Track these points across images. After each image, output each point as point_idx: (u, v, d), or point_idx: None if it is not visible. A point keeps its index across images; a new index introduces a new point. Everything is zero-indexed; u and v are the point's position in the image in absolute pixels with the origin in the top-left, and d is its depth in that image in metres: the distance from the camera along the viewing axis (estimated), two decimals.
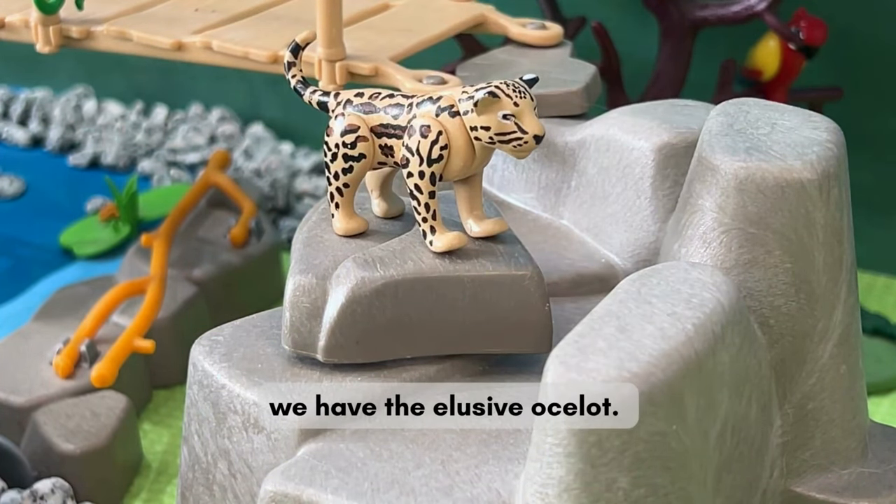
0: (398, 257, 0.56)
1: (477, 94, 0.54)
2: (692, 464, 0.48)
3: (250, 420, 0.55)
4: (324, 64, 0.71)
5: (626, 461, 0.46)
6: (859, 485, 0.57)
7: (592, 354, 0.46)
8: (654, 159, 0.64)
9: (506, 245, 0.57)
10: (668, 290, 0.51)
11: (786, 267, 0.54)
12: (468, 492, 0.50)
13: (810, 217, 0.54)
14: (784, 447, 0.56)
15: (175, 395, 0.86)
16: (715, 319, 0.49)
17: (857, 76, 0.98)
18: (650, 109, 0.68)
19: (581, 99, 0.72)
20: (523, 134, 0.53)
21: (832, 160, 0.55)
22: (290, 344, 0.56)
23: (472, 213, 0.57)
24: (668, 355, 0.47)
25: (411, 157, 0.55)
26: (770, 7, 0.90)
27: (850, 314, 0.57)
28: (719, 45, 0.98)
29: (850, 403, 0.57)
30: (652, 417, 0.46)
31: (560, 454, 0.46)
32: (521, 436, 0.53)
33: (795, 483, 0.57)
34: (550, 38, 0.79)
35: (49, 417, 0.75)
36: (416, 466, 0.51)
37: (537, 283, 0.56)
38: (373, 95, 0.57)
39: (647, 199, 0.65)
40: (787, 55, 0.93)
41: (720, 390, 0.50)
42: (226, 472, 0.57)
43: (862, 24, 0.98)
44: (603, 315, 0.49)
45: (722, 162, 0.55)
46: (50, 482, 0.72)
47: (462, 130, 0.55)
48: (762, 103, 0.59)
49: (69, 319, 0.83)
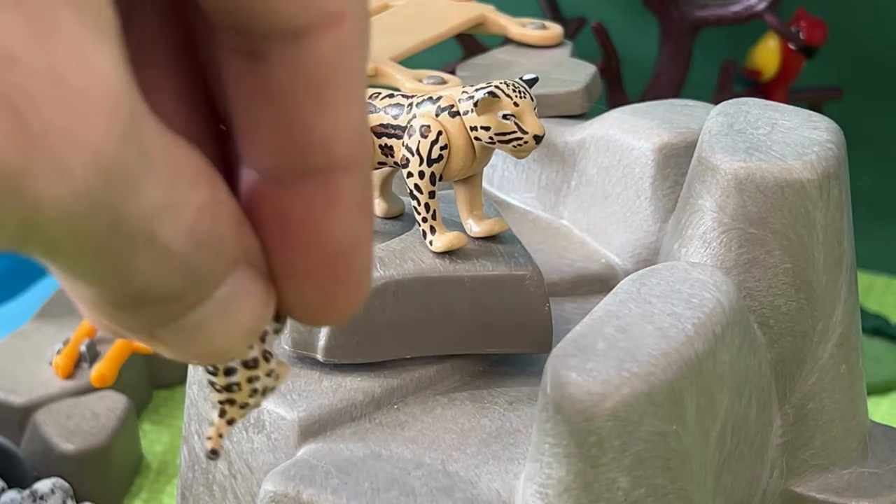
0: (398, 257, 0.56)
1: (477, 94, 0.54)
2: (692, 464, 0.48)
3: (250, 420, 0.55)
4: None
5: (626, 461, 0.46)
6: (859, 485, 0.57)
7: (592, 354, 0.46)
8: (654, 159, 0.64)
9: (506, 245, 0.57)
10: (668, 290, 0.51)
11: (786, 267, 0.54)
12: (468, 492, 0.50)
13: (810, 217, 0.54)
14: (784, 447, 0.56)
15: (175, 395, 0.86)
16: (715, 319, 0.49)
17: (857, 76, 0.98)
18: (650, 109, 0.68)
19: (581, 99, 0.72)
20: (523, 134, 0.53)
21: (832, 160, 0.55)
22: (289, 344, 0.56)
23: (472, 213, 0.57)
24: (668, 355, 0.47)
25: (411, 156, 0.55)
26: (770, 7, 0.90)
27: (850, 314, 0.57)
28: (719, 45, 0.98)
29: (850, 403, 0.57)
30: (652, 417, 0.46)
31: (560, 454, 0.46)
32: (521, 436, 0.53)
33: (795, 483, 0.57)
34: (550, 38, 0.79)
35: (49, 417, 0.75)
36: (416, 466, 0.51)
37: (537, 283, 0.56)
38: (373, 95, 0.57)
39: (647, 199, 0.65)
40: (787, 55, 0.93)
41: (720, 390, 0.50)
42: (226, 473, 0.57)
43: (862, 24, 0.98)
44: (603, 315, 0.49)
45: (722, 162, 0.55)
46: (50, 482, 0.72)
47: (462, 130, 0.55)
48: (762, 103, 0.59)
49: (69, 319, 0.83)
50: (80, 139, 0.20)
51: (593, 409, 0.45)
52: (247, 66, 0.25)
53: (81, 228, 0.21)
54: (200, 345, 0.25)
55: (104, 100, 0.20)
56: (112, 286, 0.23)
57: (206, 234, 0.23)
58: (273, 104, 0.25)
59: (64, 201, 0.20)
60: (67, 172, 0.20)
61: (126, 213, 0.21)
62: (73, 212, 0.20)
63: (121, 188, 0.21)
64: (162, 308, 0.24)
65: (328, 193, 0.25)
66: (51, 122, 0.20)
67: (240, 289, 0.25)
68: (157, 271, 0.23)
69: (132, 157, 0.21)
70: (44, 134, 0.20)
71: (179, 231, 0.22)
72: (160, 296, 0.23)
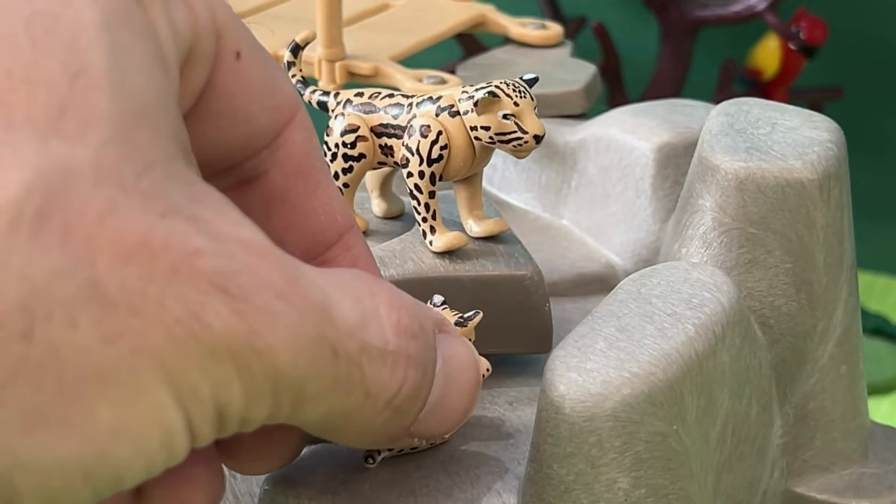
0: (398, 257, 0.56)
1: (477, 94, 0.54)
2: (692, 464, 0.48)
3: None
4: (323, 63, 0.71)
5: (626, 461, 0.46)
6: (860, 485, 0.57)
7: (592, 354, 0.46)
8: (655, 159, 0.64)
9: (506, 245, 0.57)
10: (668, 290, 0.51)
11: (786, 267, 0.54)
12: (468, 492, 0.50)
13: (811, 217, 0.54)
14: (785, 447, 0.56)
15: None
16: (715, 319, 0.49)
17: (857, 76, 0.98)
18: (650, 109, 0.68)
19: (581, 99, 0.72)
20: (523, 134, 0.53)
21: (833, 160, 0.55)
22: None
23: (472, 213, 0.57)
24: (669, 355, 0.47)
25: (411, 156, 0.55)
26: (770, 7, 0.90)
27: (850, 314, 0.57)
28: (719, 45, 0.98)
29: (850, 404, 0.57)
30: (652, 418, 0.46)
31: (560, 454, 0.46)
32: (521, 436, 0.53)
33: (796, 483, 0.57)
34: (550, 38, 0.79)
35: None
36: (416, 467, 0.51)
37: (537, 283, 0.56)
38: (373, 95, 0.57)
39: (647, 199, 0.65)
40: (787, 55, 0.93)
41: (721, 390, 0.50)
42: (225, 472, 0.57)
43: (862, 24, 0.98)
44: (603, 315, 0.49)
45: (722, 162, 0.54)
46: None
47: (462, 130, 0.54)
48: (762, 103, 0.59)
49: None
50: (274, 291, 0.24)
51: (593, 409, 0.45)
52: (247, 192, 0.30)
53: (314, 362, 0.24)
54: (446, 419, 0.30)
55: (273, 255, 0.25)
56: (367, 404, 0.27)
57: (409, 325, 0.27)
58: (278, 206, 0.30)
59: (286, 341, 0.24)
60: (278, 318, 0.24)
61: (335, 337, 0.25)
62: (300, 347, 0.24)
63: (318, 316, 0.24)
64: (418, 407, 0.28)
65: (351, 254, 0.32)
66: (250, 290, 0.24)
67: (452, 352, 0.29)
68: (392, 375, 0.26)
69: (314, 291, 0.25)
70: (250, 297, 0.24)
71: (387, 331, 0.26)
72: (409, 395, 0.27)
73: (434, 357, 0.28)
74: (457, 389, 0.30)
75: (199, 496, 0.29)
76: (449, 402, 0.30)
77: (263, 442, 0.31)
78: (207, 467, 0.29)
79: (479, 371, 0.30)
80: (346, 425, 0.27)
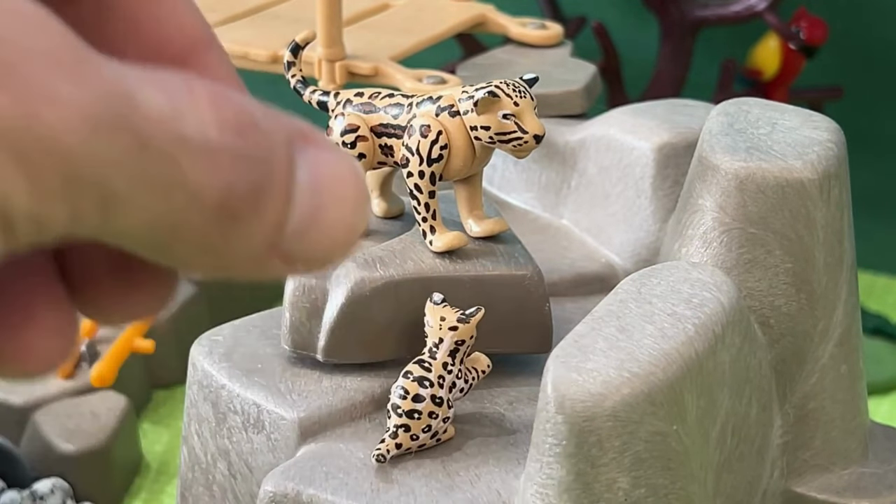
0: (398, 257, 0.56)
1: (477, 94, 0.54)
2: (692, 464, 0.48)
3: (250, 420, 0.55)
4: (324, 63, 0.71)
5: (626, 461, 0.46)
6: (860, 485, 0.57)
7: (592, 354, 0.46)
8: (654, 159, 0.64)
9: (506, 245, 0.57)
10: (668, 290, 0.51)
11: (786, 267, 0.54)
12: (468, 492, 0.50)
13: (811, 217, 0.54)
14: (784, 447, 0.56)
15: (175, 395, 0.86)
16: (715, 319, 0.49)
17: (857, 76, 0.98)
18: (650, 109, 0.68)
19: (581, 99, 0.72)
20: (523, 133, 0.53)
21: (833, 160, 0.55)
22: (290, 344, 0.56)
23: (472, 212, 0.57)
24: (669, 355, 0.47)
25: (411, 156, 0.55)
26: (770, 7, 0.90)
27: (850, 314, 0.57)
28: (719, 45, 0.98)
29: (850, 404, 0.57)
30: (652, 417, 0.46)
31: (560, 454, 0.46)
32: (521, 436, 0.53)
33: (796, 483, 0.57)
34: (550, 38, 0.79)
35: (48, 417, 0.75)
36: (416, 466, 0.51)
37: (537, 283, 0.56)
38: (373, 95, 0.57)
39: (647, 198, 0.65)
40: (787, 55, 0.93)
41: (720, 390, 0.50)
42: (225, 473, 0.57)
43: (862, 24, 0.98)
44: (603, 315, 0.49)
45: (722, 162, 0.54)
46: (49, 482, 0.72)
47: (462, 130, 0.54)
48: (762, 103, 0.59)
49: None
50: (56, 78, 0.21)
51: (593, 409, 0.45)
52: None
53: (113, 150, 0.21)
54: (325, 237, 0.25)
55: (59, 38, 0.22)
56: (192, 207, 0.23)
57: (235, 121, 0.23)
58: (114, 15, 0.26)
59: (74, 124, 0.21)
60: (62, 98, 0.21)
61: (139, 125, 0.22)
62: (91, 130, 0.21)
63: (117, 101, 0.22)
64: (261, 214, 0.24)
65: (208, 74, 0.27)
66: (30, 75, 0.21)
67: (319, 161, 0.25)
68: (216, 173, 0.23)
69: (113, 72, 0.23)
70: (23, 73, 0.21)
71: (207, 125, 0.23)
72: (242, 196, 0.23)
73: (279, 159, 0.25)
74: (332, 202, 0.25)
75: (45, 342, 0.26)
76: (326, 217, 0.25)
77: (124, 284, 0.27)
78: (56, 312, 0.26)
79: (362, 184, 0.26)
80: (178, 240, 0.24)
